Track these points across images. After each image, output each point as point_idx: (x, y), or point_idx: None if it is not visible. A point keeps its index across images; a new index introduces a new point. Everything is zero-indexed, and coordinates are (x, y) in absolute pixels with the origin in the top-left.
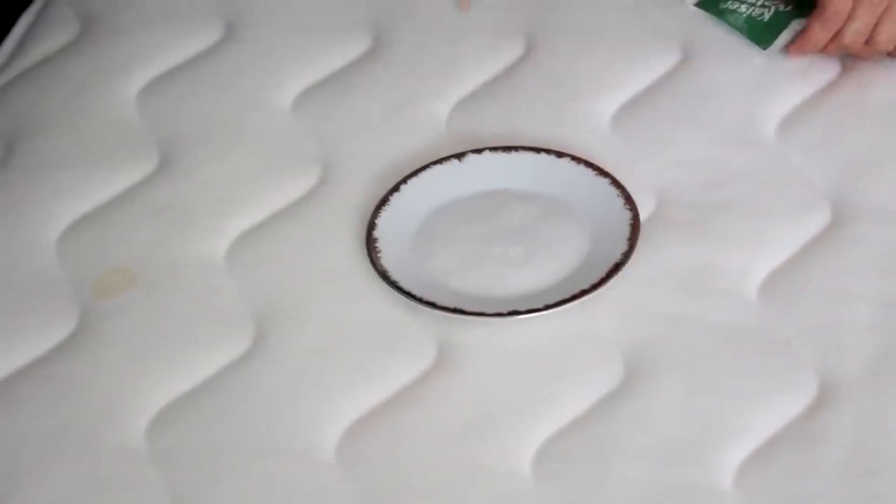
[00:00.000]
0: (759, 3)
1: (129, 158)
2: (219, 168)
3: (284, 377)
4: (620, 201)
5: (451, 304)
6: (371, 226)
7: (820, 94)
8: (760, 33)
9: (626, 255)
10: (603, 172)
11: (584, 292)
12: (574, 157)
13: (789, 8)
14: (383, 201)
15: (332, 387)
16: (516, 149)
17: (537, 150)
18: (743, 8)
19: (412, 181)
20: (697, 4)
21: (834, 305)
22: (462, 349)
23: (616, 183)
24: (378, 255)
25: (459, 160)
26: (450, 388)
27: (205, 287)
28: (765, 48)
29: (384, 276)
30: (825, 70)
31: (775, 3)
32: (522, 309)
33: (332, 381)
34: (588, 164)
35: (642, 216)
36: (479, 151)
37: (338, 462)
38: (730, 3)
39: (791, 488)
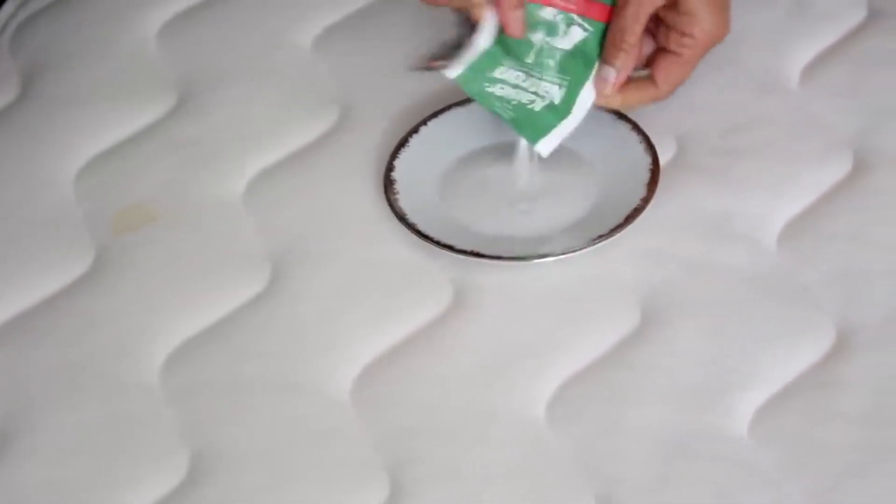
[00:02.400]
0: (532, 85)
1: (149, 96)
2: (238, 107)
3: (300, 317)
4: (641, 146)
5: (468, 248)
6: (390, 167)
7: (845, 41)
8: (529, 127)
9: (645, 201)
10: (624, 117)
11: (601, 237)
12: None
13: (563, 90)
14: (402, 143)
15: (348, 328)
16: None
17: None
18: (513, 94)
19: (432, 123)
20: (460, 79)
21: (854, 253)
22: (479, 292)
23: (637, 128)
24: (396, 196)
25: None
26: (466, 330)
27: (222, 226)
28: (534, 144)
29: (402, 217)
30: (851, 16)
31: (551, 83)
32: (540, 253)
33: (348, 323)
34: (609, 109)
35: (663, 161)
36: None
37: (352, 403)
38: (498, 86)
39: (807, 436)
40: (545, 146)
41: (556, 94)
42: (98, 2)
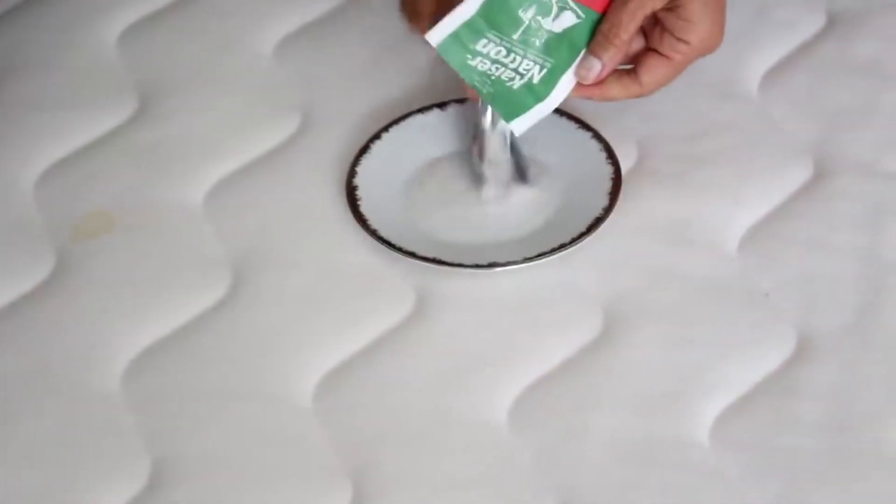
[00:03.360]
0: (512, 62)
1: (109, 102)
2: (199, 113)
3: (262, 323)
4: (602, 155)
5: (430, 254)
6: (352, 173)
7: (804, 48)
8: (506, 103)
9: (607, 211)
10: (585, 126)
11: (563, 246)
12: (556, 109)
13: (544, 71)
14: (364, 149)
15: (310, 334)
16: None
17: None
18: (493, 68)
19: (394, 129)
20: (441, 48)
21: (814, 259)
22: (441, 298)
23: (598, 136)
24: (358, 202)
25: (441, 109)
26: (428, 337)
27: (183, 232)
28: (508, 121)
29: (364, 223)
30: (810, 23)
31: (533, 61)
32: (502, 260)
33: (310, 328)
34: (570, 117)
35: (624, 168)
36: (461, 101)
37: (314, 409)
38: (479, 59)
39: (767, 442)
40: (519, 125)
41: (535, 73)
42: (58, 8)
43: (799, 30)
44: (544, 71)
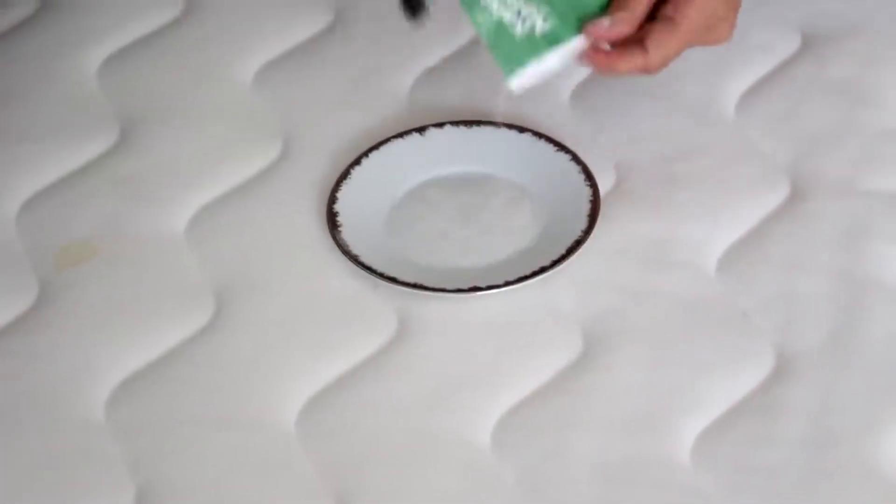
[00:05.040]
0: (517, 2)
1: (90, 132)
2: (179, 142)
3: (245, 350)
4: (581, 177)
5: (412, 280)
6: (332, 199)
7: (780, 69)
8: (506, 52)
9: (586, 233)
10: (563, 148)
11: (543, 269)
12: (535, 133)
13: (547, 25)
14: (344, 175)
15: (293, 359)
16: (477, 123)
17: (498, 124)
18: (495, 6)
19: (373, 155)
20: None
21: (792, 279)
22: (423, 322)
23: (576, 159)
24: (339, 228)
25: (420, 134)
26: (410, 360)
27: (165, 261)
28: (506, 75)
29: (344, 250)
30: (785, 45)
31: (536, 9)
32: (483, 285)
33: (293, 354)
34: (549, 140)
35: (602, 189)
36: (440, 125)
37: (298, 434)
38: None
39: (748, 460)
40: (517, 81)
41: (538, 22)
42: (38, 38)
43: (774, 52)
44: (547, 24)
